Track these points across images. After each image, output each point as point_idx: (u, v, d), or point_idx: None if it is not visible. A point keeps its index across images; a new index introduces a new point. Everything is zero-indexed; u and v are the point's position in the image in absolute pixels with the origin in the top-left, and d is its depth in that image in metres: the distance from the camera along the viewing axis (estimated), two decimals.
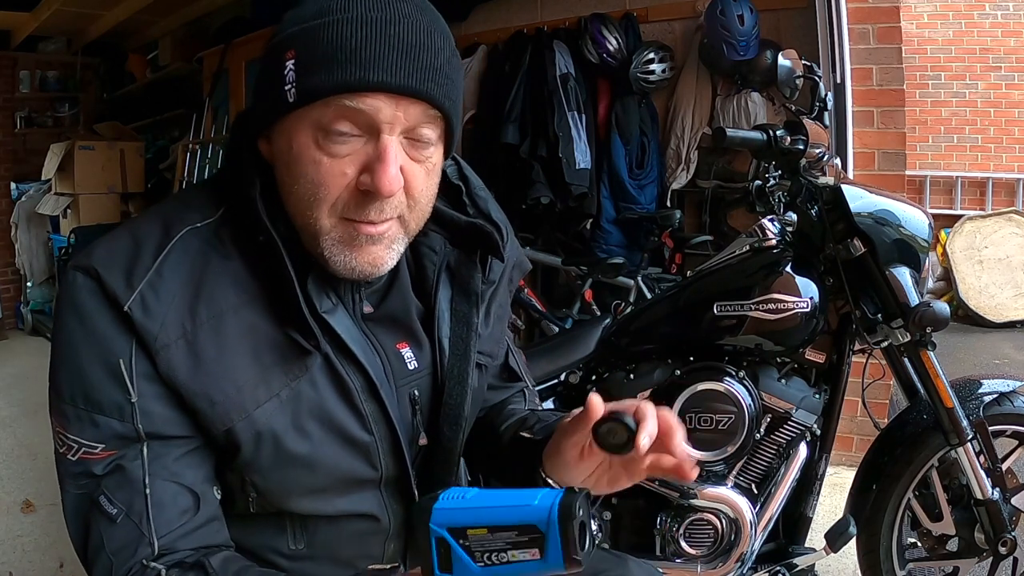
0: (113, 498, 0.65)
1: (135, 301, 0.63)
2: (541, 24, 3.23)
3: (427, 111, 0.65)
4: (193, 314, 0.65)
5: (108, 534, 0.65)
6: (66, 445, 0.66)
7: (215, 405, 0.65)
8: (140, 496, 0.65)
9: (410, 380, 0.78)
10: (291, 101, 0.63)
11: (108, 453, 0.65)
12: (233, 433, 0.66)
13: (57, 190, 4.71)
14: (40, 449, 2.84)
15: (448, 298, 0.81)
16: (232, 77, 3.99)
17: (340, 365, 0.70)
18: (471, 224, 0.80)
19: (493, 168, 3.11)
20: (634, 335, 1.45)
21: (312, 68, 0.62)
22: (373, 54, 0.61)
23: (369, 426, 0.72)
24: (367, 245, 0.67)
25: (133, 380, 0.64)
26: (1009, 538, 1.37)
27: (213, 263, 0.67)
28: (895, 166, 2.40)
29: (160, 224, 0.68)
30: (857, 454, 2.12)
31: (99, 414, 0.64)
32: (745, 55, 2.64)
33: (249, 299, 0.67)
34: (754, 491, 1.41)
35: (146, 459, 0.65)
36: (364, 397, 0.72)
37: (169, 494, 0.66)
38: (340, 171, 0.64)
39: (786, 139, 1.36)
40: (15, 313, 5.09)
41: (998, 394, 1.43)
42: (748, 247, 1.39)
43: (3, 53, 4.90)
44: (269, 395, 0.67)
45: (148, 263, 0.65)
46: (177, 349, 0.64)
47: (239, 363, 0.66)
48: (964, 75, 5.29)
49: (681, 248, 3.02)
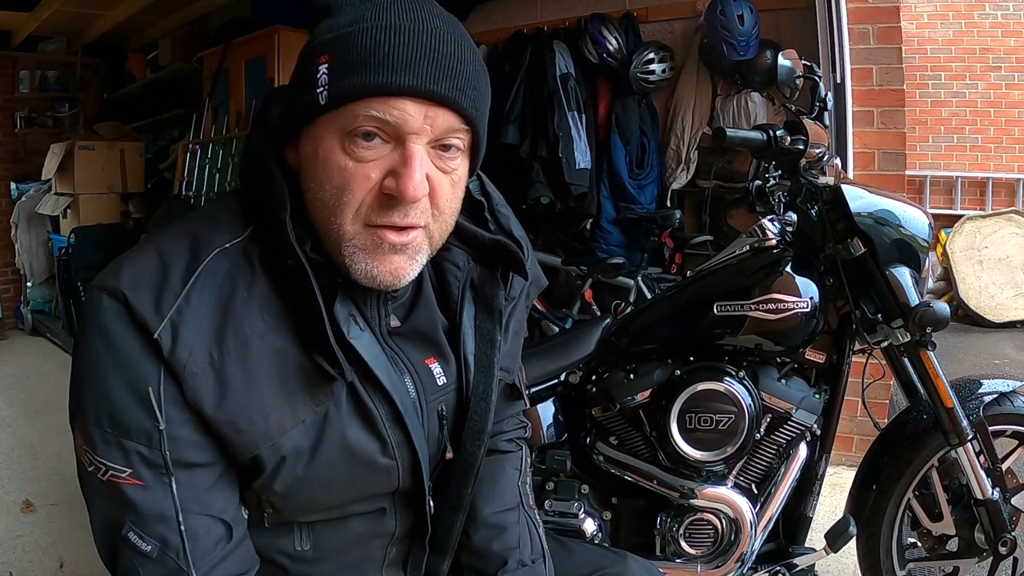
0: (144, 535, 0.65)
1: (165, 328, 0.63)
2: (541, 24, 3.24)
3: (455, 122, 0.66)
4: (220, 342, 0.65)
5: (144, 567, 0.65)
6: (94, 465, 0.65)
7: (241, 433, 0.65)
8: (175, 532, 0.65)
9: (439, 396, 0.79)
10: (322, 104, 0.64)
11: (136, 481, 0.64)
12: (259, 459, 0.67)
13: (57, 190, 4.71)
14: (40, 449, 2.84)
15: (472, 315, 0.81)
16: (232, 77, 3.99)
17: (365, 392, 0.71)
18: (494, 241, 0.80)
19: (493, 168, 3.10)
20: (634, 335, 1.45)
21: (345, 71, 0.63)
22: (405, 59, 0.62)
23: (392, 452, 0.73)
24: (390, 254, 0.67)
25: (162, 407, 0.63)
26: (1009, 538, 1.37)
27: (240, 288, 0.67)
28: (895, 166, 2.40)
29: (188, 244, 0.67)
30: (857, 454, 2.12)
31: (126, 439, 0.64)
32: (745, 55, 2.64)
33: (276, 324, 0.67)
34: (754, 491, 1.41)
35: (176, 494, 0.65)
36: (389, 424, 0.72)
37: (203, 527, 0.66)
38: (365, 175, 0.64)
39: (786, 139, 1.36)
40: (15, 313, 5.08)
41: (998, 394, 1.43)
42: (748, 247, 1.39)
43: (3, 53, 4.90)
44: (295, 422, 0.67)
45: (177, 288, 0.64)
46: (205, 377, 0.64)
47: (266, 391, 0.66)
48: (964, 75, 5.30)
49: (681, 248, 3.02)
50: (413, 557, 0.83)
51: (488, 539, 0.87)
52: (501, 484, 0.92)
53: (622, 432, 1.43)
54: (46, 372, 3.96)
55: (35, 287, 5.02)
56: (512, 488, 0.92)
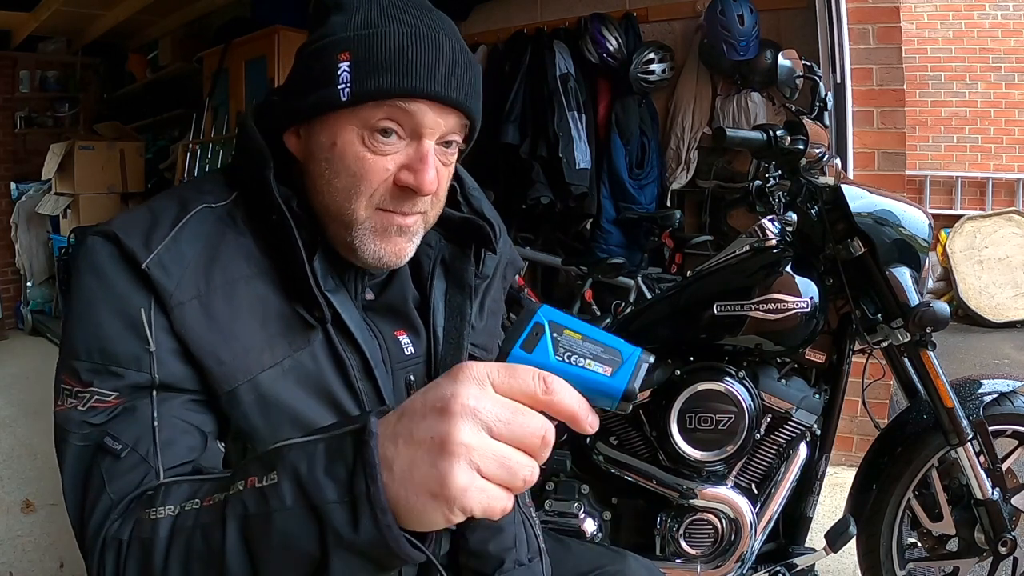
0: (119, 436, 0.65)
1: (153, 260, 0.67)
2: (541, 24, 3.24)
3: (460, 121, 0.73)
4: (207, 278, 0.69)
5: (111, 472, 0.64)
6: (77, 398, 0.66)
7: (223, 364, 0.68)
8: (148, 431, 0.66)
9: (406, 365, 0.81)
10: (344, 100, 0.68)
11: (119, 400, 0.66)
12: (236, 395, 0.69)
13: (57, 190, 4.71)
14: (40, 449, 2.84)
15: (443, 290, 0.85)
16: (232, 77, 3.99)
17: (339, 343, 0.74)
18: (465, 219, 0.85)
19: (493, 168, 3.11)
20: (634, 335, 1.44)
21: (369, 72, 0.68)
22: (427, 66, 0.69)
23: (363, 405, 0.75)
24: (396, 236, 0.73)
25: (152, 331, 0.67)
26: (1009, 538, 1.37)
27: (227, 237, 0.72)
28: (895, 166, 2.40)
29: (177, 201, 0.73)
30: (857, 454, 2.12)
31: (116, 366, 0.66)
32: (745, 55, 2.64)
33: (260, 272, 0.72)
34: (754, 491, 1.41)
35: (155, 401, 0.67)
36: (360, 376, 0.75)
37: (177, 431, 0.67)
38: (383, 167, 0.70)
39: (786, 139, 1.36)
40: (15, 313, 5.08)
41: (998, 394, 1.43)
42: (748, 247, 1.39)
43: (3, 53, 4.91)
44: (273, 361, 0.70)
45: (166, 231, 0.69)
46: (191, 308, 0.68)
47: (247, 328, 0.70)
48: (964, 75, 5.30)
49: (681, 248, 3.02)
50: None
51: (484, 540, 0.87)
52: None
53: (622, 432, 1.43)
54: (46, 372, 3.94)
55: (35, 287, 5.01)
56: None
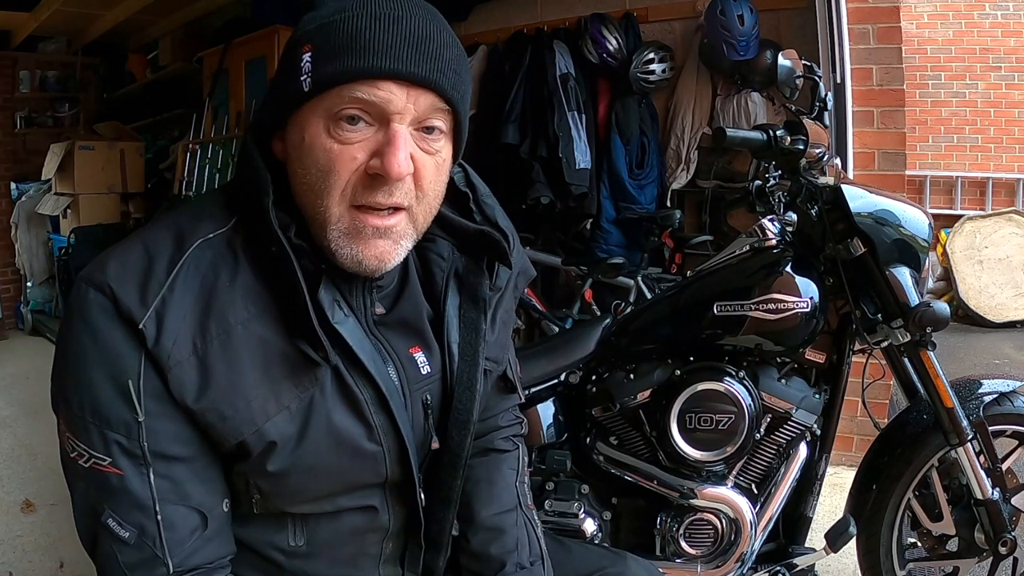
0: (123, 521, 0.66)
1: (149, 319, 0.64)
2: (541, 24, 3.24)
3: (436, 103, 0.68)
4: (204, 330, 0.66)
5: (123, 553, 0.66)
6: (76, 451, 0.67)
7: (226, 421, 0.66)
8: (152, 521, 0.66)
9: (423, 385, 0.79)
10: (306, 91, 0.66)
11: (115, 470, 0.66)
12: (244, 445, 0.68)
13: (57, 190, 4.71)
14: (40, 449, 2.84)
15: (456, 304, 0.82)
16: (232, 77, 3.99)
17: (350, 377, 0.71)
18: (479, 231, 0.81)
19: (493, 168, 3.11)
20: (634, 335, 1.45)
21: (328, 58, 0.65)
22: (386, 44, 0.64)
23: (378, 438, 0.73)
24: (374, 238, 0.68)
25: (141, 400, 0.65)
26: (1009, 538, 1.37)
27: (223, 277, 0.68)
28: (895, 166, 2.40)
29: (173, 236, 0.69)
30: (857, 454, 2.12)
31: (108, 429, 0.65)
32: (745, 55, 2.64)
33: (259, 312, 0.68)
34: (754, 491, 1.41)
35: (153, 484, 0.66)
36: (374, 409, 0.73)
37: (179, 516, 0.67)
38: (350, 156, 0.66)
39: (786, 139, 1.36)
40: (15, 313, 5.08)
41: (998, 394, 1.43)
42: (748, 247, 1.39)
43: (3, 53, 4.90)
44: (279, 408, 0.68)
45: (162, 278, 0.66)
46: (188, 367, 0.65)
47: (249, 378, 0.67)
48: (964, 75, 5.30)
49: (681, 248, 3.02)
50: (410, 553, 0.83)
51: (486, 542, 0.87)
52: (498, 486, 0.91)
53: (622, 432, 1.43)
54: (46, 372, 3.86)
55: (35, 287, 5.01)
56: (510, 489, 0.92)
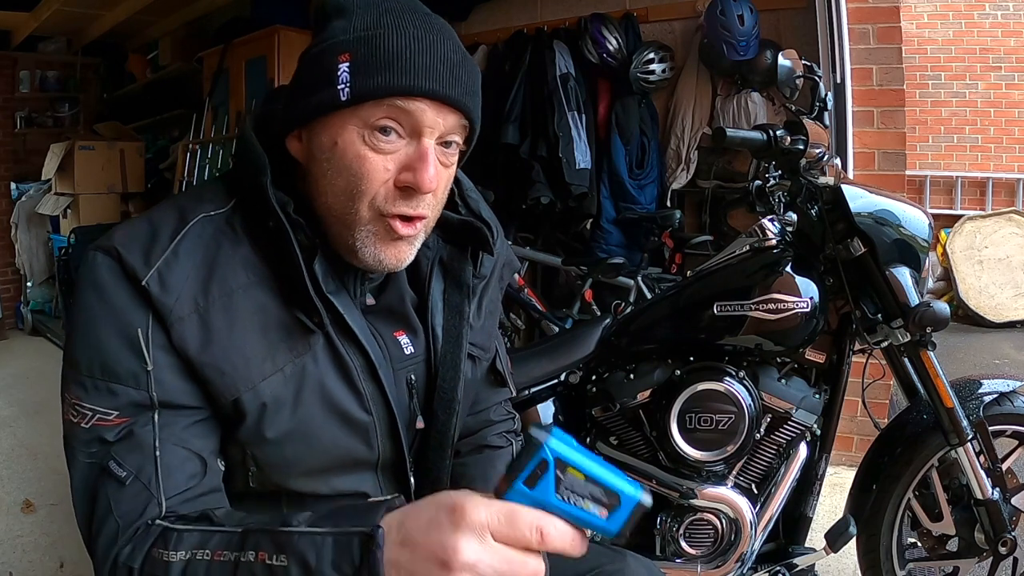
0: (123, 462, 0.67)
1: (152, 277, 0.68)
2: (541, 24, 3.24)
3: (460, 121, 0.73)
4: (206, 291, 0.70)
5: (116, 497, 0.67)
6: (80, 415, 0.69)
7: (224, 376, 0.69)
8: (150, 460, 0.68)
9: (407, 365, 0.82)
10: (344, 99, 0.69)
11: (121, 420, 0.68)
12: (240, 404, 0.70)
13: (57, 190, 4.71)
14: (40, 449, 2.84)
15: (441, 290, 0.86)
16: (232, 77, 3.99)
17: (341, 345, 0.75)
18: (463, 221, 0.86)
19: (493, 168, 3.11)
20: (634, 335, 1.45)
21: (369, 72, 0.69)
22: (425, 65, 0.69)
23: (368, 406, 0.76)
24: (397, 242, 0.74)
25: (149, 349, 0.68)
26: (1009, 538, 1.37)
27: (225, 247, 0.72)
28: (895, 166, 2.40)
29: (176, 212, 0.74)
30: (857, 454, 2.12)
31: (115, 383, 0.68)
32: (745, 55, 2.64)
33: (258, 280, 0.72)
34: (754, 491, 1.41)
35: (157, 425, 0.68)
36: (363, 377, 0.76)
37: (178, 458, 0.69)
38: (383, 167, 0.71)
39: (786, 139, 1.36)
40: (15, 313, 5.08)
41: (998, 394, 1.43)
42: (748, 247, 1.39)
43: (3, 53, 4.90)
44: (274, 369, 0.71)
45: (165, 244, 0.70)
46: (190, 322, 0.69)
47: (247, 338, 0.71)
48: (964, 75, 5.30)
49: (681, 248, 3.02)
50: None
51: None
52: (494, 483, 0.92)
53: (622, 432, 1.43)
54: (46, 372, 3.95)
55: (35, 287, 5.01)
56: None
